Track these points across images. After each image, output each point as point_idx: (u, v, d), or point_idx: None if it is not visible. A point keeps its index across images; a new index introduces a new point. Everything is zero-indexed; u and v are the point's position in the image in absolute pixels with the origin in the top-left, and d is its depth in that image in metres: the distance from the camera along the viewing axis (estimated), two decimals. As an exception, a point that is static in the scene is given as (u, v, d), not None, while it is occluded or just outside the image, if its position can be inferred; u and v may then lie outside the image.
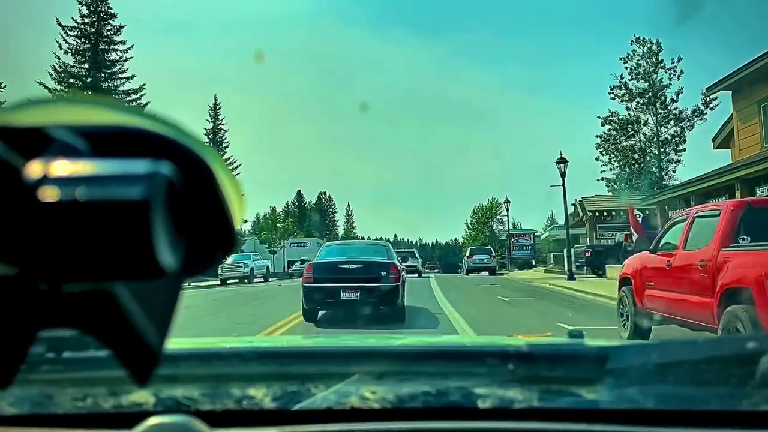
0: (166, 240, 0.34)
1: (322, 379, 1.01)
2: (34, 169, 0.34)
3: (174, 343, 0.47)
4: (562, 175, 24.70)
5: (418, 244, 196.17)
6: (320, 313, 10.11)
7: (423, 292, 16.51)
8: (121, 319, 0.36)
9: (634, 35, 38.37)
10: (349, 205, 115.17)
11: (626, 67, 38.63)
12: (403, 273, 10.39)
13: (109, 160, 0.35)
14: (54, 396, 1.00)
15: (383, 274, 9.71)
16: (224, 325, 11.09)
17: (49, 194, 0.33)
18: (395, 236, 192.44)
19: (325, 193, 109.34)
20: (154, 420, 0.82)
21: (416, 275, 23.77)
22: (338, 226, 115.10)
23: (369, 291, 9.47)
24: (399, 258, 11.65)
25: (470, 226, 78.27)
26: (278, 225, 54.31)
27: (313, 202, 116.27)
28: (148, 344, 0.37)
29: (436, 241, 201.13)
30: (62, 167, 0.34)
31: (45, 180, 0.33)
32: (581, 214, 33.21)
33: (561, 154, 24.72)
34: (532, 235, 55.96)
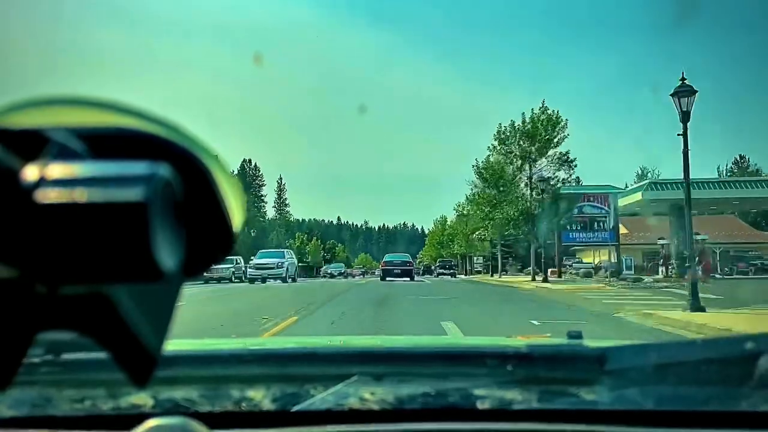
0: (164, 242, 0.33)
1: (321, 381, 1.01)
2: (32, 171, 0.34)
3: (172, 344, 0.47)
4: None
5: (364, 227, 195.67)
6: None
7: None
8: (119, 322, 0.36)
9: None
10: (281, 179, 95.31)
11: None
12: (414, 264, 40.85)
13: (107, 162, 0.35)
14: (52, 398, 1.00)
15: (408, 264, 34.70)
16: None
17: (46, 196, 0.33)
18: (338, 219, 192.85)
19: (249, 161, 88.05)
20: (152, 422, 0.82)
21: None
22: (266, 203, 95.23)
23: (402, 270, 33.12)
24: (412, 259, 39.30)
25: (483, 172, 35.17)
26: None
27: (235, 172, 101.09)
28: (146, 346, 0.37)
29: (383, 225, 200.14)
30: (60, 169, 0.34)
31: (42, 182, 0.33)
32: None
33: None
34: (608, 199, 29.77)
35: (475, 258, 61.20)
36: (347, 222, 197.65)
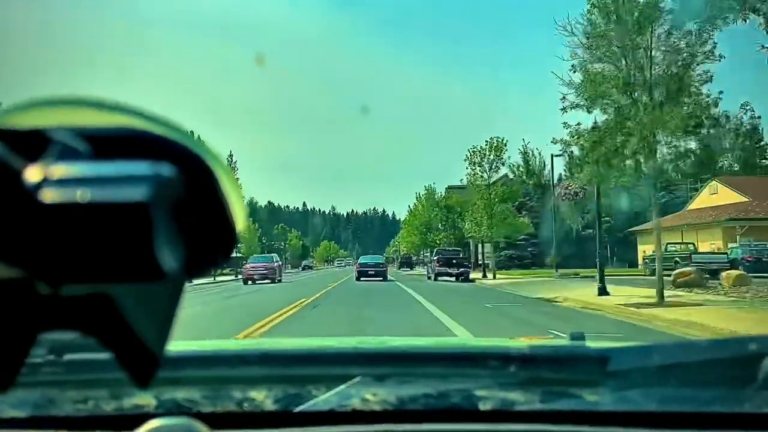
0: (167, 242, 0.33)
1: (324, 381, 1.01)
2: (35, 171, 0.34)
3: (175, 345, 0.47)
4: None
5: (331, 213, 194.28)
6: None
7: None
8: (122, 322, 0.36)
9: None
10: (232, 156, 79.14)
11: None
12: (386, 265, 36.37)
13: (110, 162, 0.35)
14: (55, 398, 1.00)
15: (381, 265, 34.03)
16: None
17: (49, 197, 0.33)
18: (304, 204, 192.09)
19: (191, 133, 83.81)
20: (154, 422, 0.82)
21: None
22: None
23: (375, 271, 32.55)
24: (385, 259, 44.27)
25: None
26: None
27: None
28: (148, 347, 0.37)
29: (353, 211, 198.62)
30: (63, 169, 0.34)
31: (45, 182, 0.33)
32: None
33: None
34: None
35: (480, 246, 39.14)
36: (313, 208, 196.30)
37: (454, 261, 30.62)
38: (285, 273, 47.15)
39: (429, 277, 33.00)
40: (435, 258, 32.71)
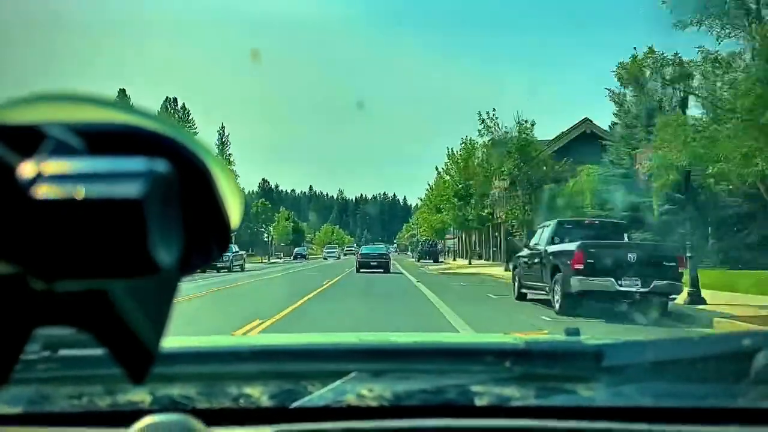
0: (161, 238, 0.33)
1: (319, 377, 1.01)
2: (29, 167, 0.33)
3: (170, 341, 0.47)
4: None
5: (339, 198, 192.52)
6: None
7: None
8: (116, 318, 0.36)
9: None
10: (223, 128, 68.87)
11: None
12: (390, 256, 33.12)
13: (105, 158, 0.35)
14: (50, 394, 1.00)
15: (384, 256, 30.64)
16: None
17: (43, 192, 0.33)
18: (311, 188, 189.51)
19: (174, 100, 61.38)
20: (150, 419, 0.82)
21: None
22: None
23: (378, 262, 29.67)
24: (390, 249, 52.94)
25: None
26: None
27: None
28: (143, 342, 0.37)
29: (362, 195, 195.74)
30: (57, 165, 0.34)
31: (39, 178, 0.33)
32: None
33: None
34: None
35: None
36: (320, 192, 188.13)
37: (630, 257, 10.14)
38: (262, 265, 40.63)
39: (522, 295, 12.99)
40: (568, 248, 10.65)
